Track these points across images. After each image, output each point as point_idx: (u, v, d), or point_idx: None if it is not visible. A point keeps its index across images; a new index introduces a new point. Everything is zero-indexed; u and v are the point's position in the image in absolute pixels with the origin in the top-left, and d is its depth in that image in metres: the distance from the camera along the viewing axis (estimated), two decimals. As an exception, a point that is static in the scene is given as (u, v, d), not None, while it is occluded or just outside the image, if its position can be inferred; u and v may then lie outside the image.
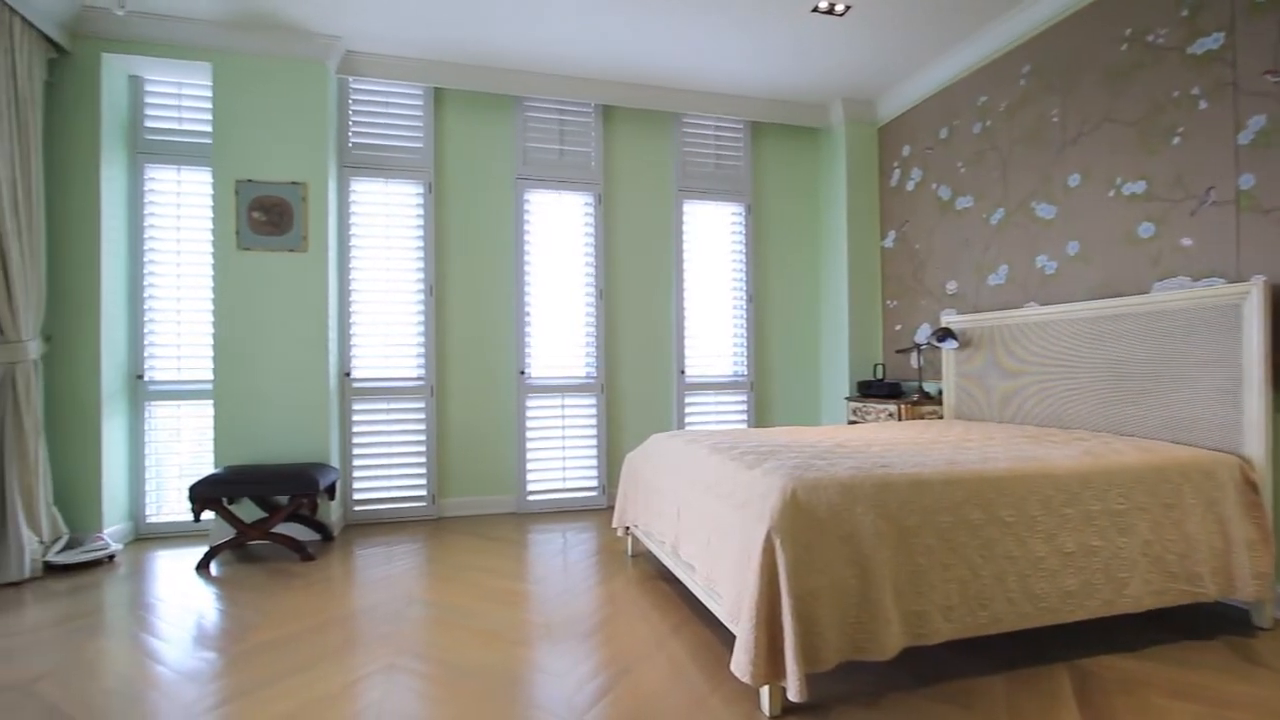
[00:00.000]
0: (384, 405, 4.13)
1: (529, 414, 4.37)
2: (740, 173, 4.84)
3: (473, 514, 4.26)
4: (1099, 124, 3.11)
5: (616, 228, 4.58)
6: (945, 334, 3.72)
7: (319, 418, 3.75)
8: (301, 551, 3.32)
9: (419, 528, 3.97)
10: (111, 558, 3.36)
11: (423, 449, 4.18)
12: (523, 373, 4.34)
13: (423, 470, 4.18)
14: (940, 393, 4.05)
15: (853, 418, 4.34)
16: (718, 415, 4.79)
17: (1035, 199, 3.47)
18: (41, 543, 3.16)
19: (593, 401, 4.48)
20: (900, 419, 3.88)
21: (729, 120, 4.79)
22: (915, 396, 4.03)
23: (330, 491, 3.68)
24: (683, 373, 4.67)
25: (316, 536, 3.68)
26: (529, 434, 4.37)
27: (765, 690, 1.80)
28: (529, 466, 4.36)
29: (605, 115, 4.55)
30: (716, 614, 2.14)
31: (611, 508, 4.38)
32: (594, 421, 4.48)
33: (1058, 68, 3.34)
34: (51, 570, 3.17)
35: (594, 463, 4.47)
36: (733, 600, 1.93)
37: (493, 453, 4.32)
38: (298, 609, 2.68)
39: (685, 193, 4.70)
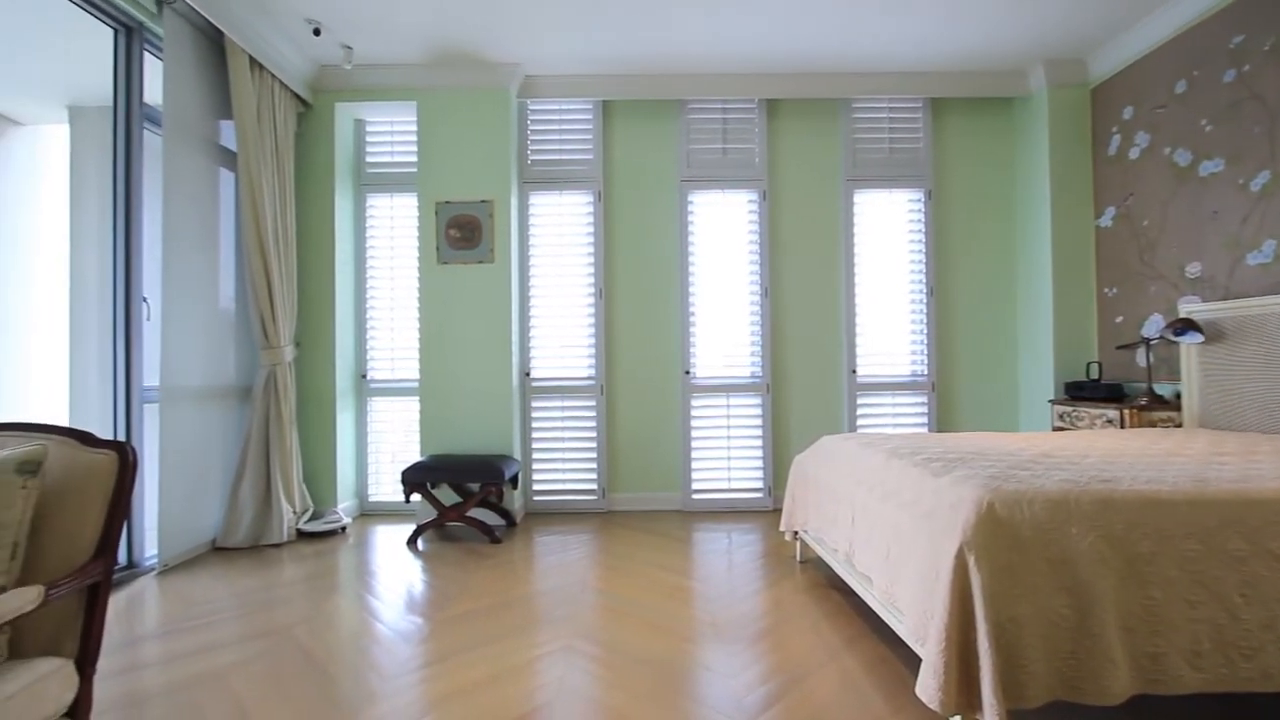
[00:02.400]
0: (559, 403, 4.41)
1: (694, 413, 4.40)
2: (918, 156, 4.46)
3: (639, 509, 4.39)
4: None
5: (782, 223, 4.46)
6: (1185, 325, 3.11)
7: (504, 413, 4.10)
8: (490, 534, 3.65)
9: (590, 519, 4.18)
10: (343, 529, 3.96)
11: (594, 445, 4.39)
12: (688, 372, 4.39)
13: (594, 465, 4.39)
14: (1179, 396, 3.40)
15: (1060, 424, 3.80)
16: (893, 418, 4.45)
17: (1319, 155, 2.77)
18: (294, 513, 3.81)
19: (758, 401, 4.40)
20: (1123, 426, 3.32)
21: (905, 100, 4.44)
22: (1144, 400, 3.42)
23: (513, 481, 4.01)
24: (854, 372, 4.41)
25: (502, 522, 4.03)
26: (694, 433, 4.40)
27: (956, 721, 1.63)
28: (694, 465, 4.39)
29: (769, 109, 4.45)
30: (897, 631, 1.98)
31: (777, 510, 4.27)
32: (759, 422, 4.39)
33: (1353, -14, 2.64)
34: (301, 536, 3.81)
35: (759, 464, 4.39)
36: (917, 619, 1.77)
37: (659, 451, 4.42)
38: (488, 586, 2.95)
39: (856, 182, 4.44)
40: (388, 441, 4.50)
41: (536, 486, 4.41)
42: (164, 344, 3.23)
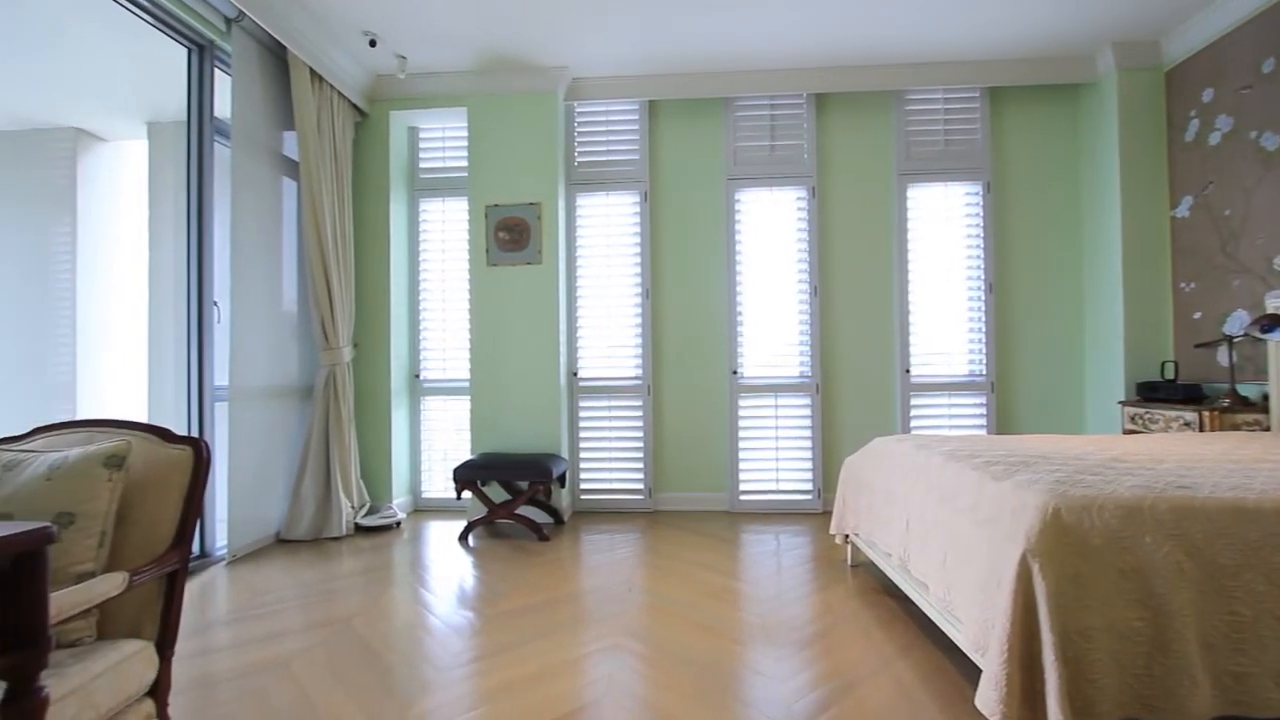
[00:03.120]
0: (606, 403, 4.44)
1: (741, 413, 4.35)
2: (976, 148, 4.29)
3: (686, 509, 4.37)
4: None
5: (832, 220, 4.37)
6: (1274, 322, 2.89)
7: (551, 413, 4.15)
8: (539, 532, 3.70)
9: (636, 519, 4.19)
10: (398, 524, 4.08)
11: (640, 444, 4.40)
12: (735, 372, 4.35)
13: (640, 465, 4.40)
14: (1265, 397, 3.17)
15: (1131, 426, 3.60)
16: (949, 419, 4.30)
17: None
18: (353, 508, 3.95)
19: (807, 402, 4.32)
20: (1202, 429, 3.12)
21: (961, 90, 4.28)
22: (1225, 402, 3.20)
23: (561, 480, 4.05)
24: (908, 372, 4.28)
25: (550, 520, 4.08)
26: (741, 433, 4.35)
27: (1020, 736, 1.56)
28: (741, 466, 4.35)
29: (818, 104, 4.36)
30: (955, 640, 1.92)
31: (827, 513, 4.19)
32: (809, 422, 4.31)
33: None
34: (359, 530, 3.94)
35: (809, 465, 4.31)
36: (977, 628, 1.71)
37: (706, 451, 4.39)
38: (537, 583, 2.99)
39: (909, 176, 4.31)
40: (439, 440, 4.62)
41: (584, 485, 4.45)
42: (233, 346, 3.39)
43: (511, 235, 4.19)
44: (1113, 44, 3.88)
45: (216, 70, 3.45)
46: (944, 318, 4.31)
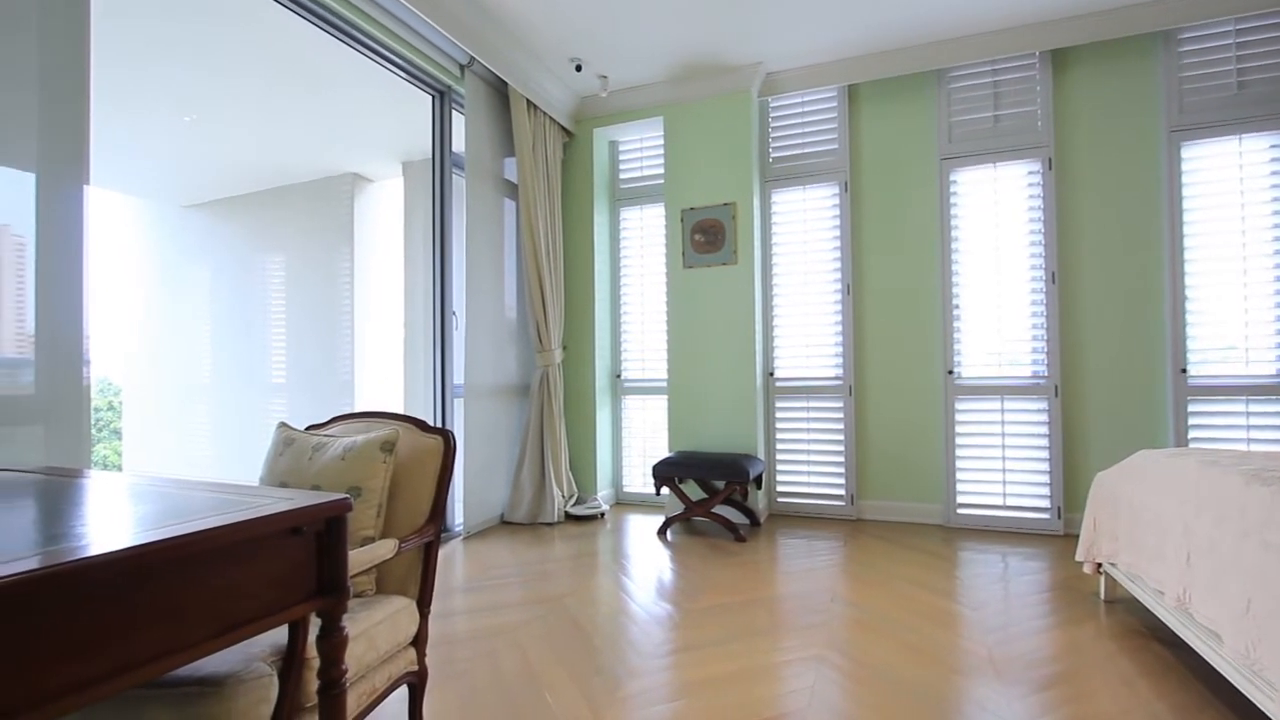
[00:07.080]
0: (804, 403, 4.29)
1: (959, 417, 3.92)
2: (1285, 87, 3.39)
3: (892, 520, 4.06)
4: None
5: (1074, 193, 3.75)
6: None
7: (748, 413, 4.12)
8: (735, 532, 3.70)
9: (837, 526, 3.98)
10: (602, 515, 4.35)
11: (841, 448, 4.18)
12: (951, 372, 3.93)
13: (841, 469, 4.18)
14: None
15: None
16: (1246, 431, 3.44)
17: None
18: (563, 497, 4.30)
19: (1042, 405, 3.75)
20: None
21: (1260, 17, 3.41)
22: None
23: (758, 481, 4.00)
24: (1183, 372, 3.51)
25: (746, 521, 4.05)
26: (959, 440, 3.92)
27: None
28: (959, 476, 3.91)
29: (1055, 62, 3.77)
30: (1264, 709, 1.52)
31: (1070, 535, 3.60)
32: (1045, 430, 3.74)
33: None
34: (569, 518, 4.28)
35: (1045, 478, 3.74)
36: (1301, 698, 1.34)
37: (916, 458, 4.03)
38: (733, 583, 2.98)
39: (1184, 132, 3.53)
40: (639, 437, 4.84)
41: (780, 488, 4.35)
42: (467, 349, 3.89)
43: (707, 237, 4.24)
44: None
45: (453, 111, 3.98)
46: (1240, 303, 3.46)
